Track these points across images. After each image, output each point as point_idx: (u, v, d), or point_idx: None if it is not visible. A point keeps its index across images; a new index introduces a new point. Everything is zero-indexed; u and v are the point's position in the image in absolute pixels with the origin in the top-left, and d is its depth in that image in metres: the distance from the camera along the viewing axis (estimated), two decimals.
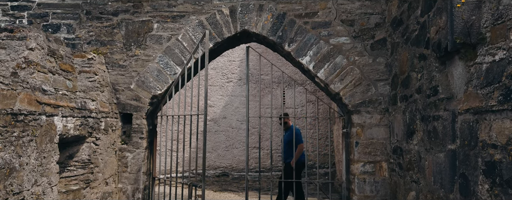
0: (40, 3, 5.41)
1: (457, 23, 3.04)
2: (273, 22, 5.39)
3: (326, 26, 5.33)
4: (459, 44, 3.02)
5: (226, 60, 11.33)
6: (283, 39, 5.35)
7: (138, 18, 5.45)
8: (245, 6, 5.43)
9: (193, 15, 5.45)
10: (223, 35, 5.44)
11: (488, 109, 2.59)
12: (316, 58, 5.29)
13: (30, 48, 3.67)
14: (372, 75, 5.20)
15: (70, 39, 5.37)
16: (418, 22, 3.95)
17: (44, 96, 3.62)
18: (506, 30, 2.61)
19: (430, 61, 3.65)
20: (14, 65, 3.55)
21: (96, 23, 5.45)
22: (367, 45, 5.25)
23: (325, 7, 5.34)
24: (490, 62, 2.72)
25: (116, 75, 5.37)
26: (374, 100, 5.16)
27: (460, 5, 3.00)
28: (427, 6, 3.68)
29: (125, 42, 5.42)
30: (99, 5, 5.46)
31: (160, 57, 5.40)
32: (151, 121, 5.62)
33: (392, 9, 4.88)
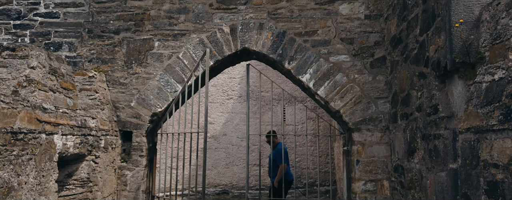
0: (43, 22, 5.46)
1: (456, 42, 3.07)
2: (273, 40, 5.43)
3: (326, 44, 5.37)
4: (458, 63, 3.04)
5: (227, 77, 11.37)
6: (283, 57, 5.39)
7: (140, 36, 5.50)
8: (245, 24, 5.48)
9: (194, 34, 5.49)
10: (223, 53, 5.47)
11: (489, 129, 2.58)
12: (316, 76, 5.31)
13: (32, 66, 3.69)
14: (372, 93, 5.21)
15: (71, 57, 5.40)
16: (417, 41, 3.98)
17: (44, 114, 3.62)
18: (505, 50, 2.63)
19: (429, 80, 3.66)
20: (15, 84, 3.56)
21: (98, 41, 5.49)
22: (367, 63, 5.28)
23: (324, 26, 5.39)
24: (489, 81, 2.73)
25: (117, 92, 5.39)
26: (374, 118, 5.15)
27: (458, 24, 3.03)
28: (426, 25, 3.71)
29: (126, 60, 5.45)
30: (101, 24, 5.52)
31: (160, 74, 5.42)
32: (151, 139, 5.60)
33: (391, 27, 4.93)
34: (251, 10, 5.50)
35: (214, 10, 5.53)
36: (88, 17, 5.51)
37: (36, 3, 5.48)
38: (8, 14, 5.45)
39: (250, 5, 5.51)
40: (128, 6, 5.54)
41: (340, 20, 5.39)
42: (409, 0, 4.22)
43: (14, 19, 5.44)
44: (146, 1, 5.54)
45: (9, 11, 5.46)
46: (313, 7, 5.44)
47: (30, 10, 5.47)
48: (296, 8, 5.45)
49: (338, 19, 5.39)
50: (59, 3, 5.50)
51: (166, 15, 5.52)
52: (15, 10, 5.47)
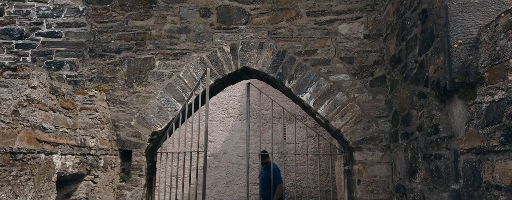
0: (45, 41, 5.51)
1: (455, 62, 3.08)
2: (273, 59, 5.46)
3: (326, 63, 5.40)
4: (458, 83, 3.05)
5: (227, 95, 11.39)
6: (283, 76, 5.41)
7: (140, 55, 5.53)
8: (245, 43, 5.52)
9: (194, 53, 5.53)
10: (224, 72, 5.50)
11: (490, 150, 2.57)
12: (316, 95, 5.32)
13: (32, 86, 3.70)
14: (372, 112, 5.20)
15: (72, 76, 5.42)
16: (416, 61, 4.00)
17: (44, 134, 3.61)
18: (504, 71, 2.64)
19: (429, 99, 3.66)
20: (15, 103, 3.56)
21: (99, 61, 5.53)
22: (367, 82, 5.30)
23: (324, 45, 5.43)
24: (489, 102, 2.73)
25: (117, 111, 5.39)
26: (375, 137, 5.13)
27: (457, 45, 3.05)
28: (425, 46, 3.74)
29: (126, 79, 5.47)
30: (103, 43, 5.56)
31: (161, 93, 5.44)
32: (151, 158, 5.57)
33: (390, 47, 4.96)
34: (251, 29, 5.55)
35: (215, 29, 5.58)
36: (90, 37, 5.56)
37: (39, 23, 5.54)
38: (11, 34, 5.50)
39: (250, 25, 5.56)
40: (130, 26, 5.60)
41: (340, 39, 5.43)
42: (407, 21, 4.27)
43: (16, 38, 5.49)
44: (148, 21, 5.60)
45: (11, 31, 5.51)
46: (313, 26, 5.50)
47: (33, 30, 5.53)
48: (296, 27, 5.51)
49: (338, 38, 5.43)
50: (61, 23, 5.56)
51: (167, 34, 5.57)
52: (18, 30, 5.52)
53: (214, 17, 5.61)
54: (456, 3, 3.16)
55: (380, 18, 5.41)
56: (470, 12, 3.12)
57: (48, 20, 5.56)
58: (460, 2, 3.15)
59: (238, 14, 5.60)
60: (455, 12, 3.14)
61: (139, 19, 5.60)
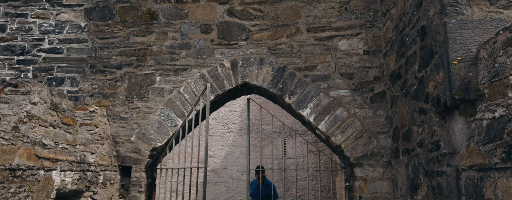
0: (46, 57, 5.54)
1: (454, 79, 3.10)
2: (274, 75, 5.48)
3: (326, 79, 5.41)
4: (458, 100, 3.05)
5: (227, 110, 11.39)
6: (284, 92, 5.42)
7: (141, 71, 5.56)
8: (246, 59, 5.55)
9: (195, 68, 5.55)
10: (224, 88, 5.51)
11: (492, 167, 2.55)
12: (317, 110, 5.32)
13: (33, 102, 3.71)
14: (373, 128, 5.19)
15: (73, 92, 5.44)
16: (416, 77, 4.01)
17: (43, 150, 3.60)
18: (504, 87, 2.65)
19: (430, 116, 3.66)
20: (15, 120, 3.56)
21: (100, 76, 5.54)
22: (367, 97, 5.30)
23: (324, 61, 5.46)
24: (490, 119, 2.73)
25: (117, 127, 5.38)
26: (376, 153, 5.11)
27: (456, 62, 3.07)
28: (424, 62, 3.76)
29: (127, 94, 5.48)
30: (104, 59, 5.59)
31: (161, 109, 5.44)
32: (150, 174, 5.54)
33: (390, 63, 4.99)
34: (252, 45, 5.59)
35: (215, 45, 5.62)
36: (91, 53, 5.59)
37: (41, 39, 5.58)
38: (13, 50, 5.54)
39: (250, 41, 5.60)
40: (131, 42, 5.64)
41: (340, 55, 5.46)
42: (407, 37, 4.30)
43: (18, 54, 5.53)
44: (149, 37, 5.65)
45: (13, 47, 5.55)
46: (313, 42, 5.53)
47: (34, 46, 5.57)
48: (296, 43, 5.54)
49: (338, 54, 5.46)
50: (63, 39, 5.60)
51: (168, 50, 5.60)
52: (20, 46, 5.56)
53: (214, 33, 5.65)
54: (454, 20, 3.19)
55: (379, 34, 5.45)
56: (469, 29, 3.15)
57: (50, 36, 5.60)
58: (458, 19, 3.18)
59: (238, 30, 5.64)
60: (454, 29, 3.17)
61: (140, 35, 5.65)
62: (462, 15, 3.19)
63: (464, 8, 3.20)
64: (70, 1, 5.70)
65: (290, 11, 5.64)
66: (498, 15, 3.12)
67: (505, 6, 3.12)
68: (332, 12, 5.57)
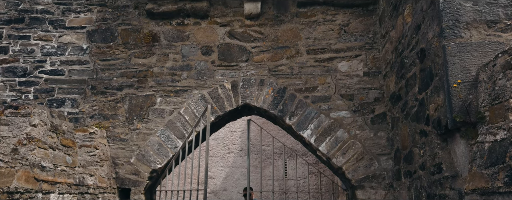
0: (48, 79, 5.56)
1: (455, 102, 3.10)
2: (274, 96, 5.49)
3: (326, 100, 5.42)
4: (459, 122, 3.05)
5: (227, 131, 11.35)
6: (284, 113, 5.41)
7: (142, 92, 5.57)
8: (246, 80, 5.57)
9: (195, 90, 5.57)
10: (224, 109, 5.51)
11: (495, 191, 2.52)
12: (317, 132, 5.30)
13: (33, 124, 3.70)
14: (374, 149, 5.16)
15: (73, 113, 5.43)
16: (417, 99, 4.02)
17: (42, 172, 3.57)
18: (504, 111, 2.65)
19: (431, 138, 3.65)
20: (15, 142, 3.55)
21: (101, 98, 5.55)
22: (368, 119, 5.29)
23: (324, 82, 5.48)
24: (492, 142, 2.72)
25: (117, 149, 5.35)
26: (377, 175, 5.06)
27: (456, 85, 3.08)
28: (424, 84, 3.77)
29: (127, 116, 5.48)
30: (105, 81, 5.61)
31: (161, 130, 5.42)
32: (150, 196, 5.47)
33: (390, 84, 5.00)
34: (252, 67, 5.62)
35: (216, 67, 5.65)
36: (92, 74, 5.62)
37: (42, 61, 5.61)
38: (14, 72, 5.57)
39: (251, 62, 5.64)
40: (132, 63, 5.67)
41: (340, 76, 5.48)
42: (406, 59, 4.32)
43: (20, 76, 5.55)
44: (150, 59, 5.68)
45: (15, 69, 5.59)
46: (313, 64, 5.56)
47: (36, 68, 5.60)
48: (296, 65, 5.57)
49: (338, 76, 5.48)
50: (65, 61, 5.64)
51: (169, 72, 5.63)
52: (21, 68, 5.59)
53: (215, 55, 5.69)
54: (453, 43, 3.22)
55: (379, 56, 5.49)
56: (468, 52, 3.17)
57: (52, 58, 5.64)
58: (457, 42, 3.21)
59: (239, 52, 5.69)
60: (453, 52, 3.19)
61: (141, 57, 5.69)
62: (460, 38, 3.22)
63: (462, 31, 3.23)
64: (73, 23, 5.77)
65: (290, 33, 5.70)
66: (497, 38, 3.15)
67: (503, 29, 3.16)
68: (332, 34, 5.63)
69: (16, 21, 5.75)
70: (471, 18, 3.25)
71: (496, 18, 3.22)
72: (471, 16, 3.25)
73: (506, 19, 3.19)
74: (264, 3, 5.76)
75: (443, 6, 3.31)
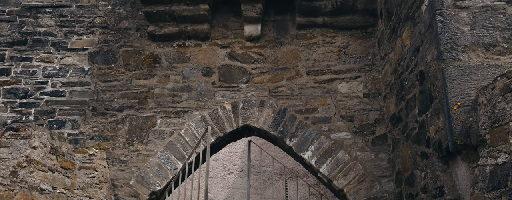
0: (49, 100, 5.58)
1: (455, 124, 3.10)
2: (274, 117, 5.49)
3: (326, 121, 5.41)
4: (460, 145, 3.04)
5: (228, 151, 11.29)
6: (284, 134, 5.40)
7: (142, 113, 5.57)
8: (246, 102, 5.58)
9: (196, 111, 5.57)
10: (225, 130, 5.50)
11: None
12: (318, 153, 5.28)
13: (33, 146, 3.70)
14: (375, 171, 5.13)
15: (73, 134, 5.42)
16: (417, 121, 4.02)
17: (41, 195, 3.55)
18: (505, 134, 2.65)
19: (432, 160, 3.63)
20: (14, 164, 3.54)
21: (101, 119, 5.56)
22: (368, 140, 5.28)
23: (324, 103, 5.49)
24: (493, 165, 2.71)
25: (116, 170, 5.32)
26: (379, 198, 5.01)
27: (456, 107, 3.09)
28: (424, 106, 3.78)
29: (127, 137, 5.47)
30: (105, 102, 5.63)
31: (161, 152, 5.40)
32: None
33: (390, 106, 5.01)
34: (253, 88, 5.64)
35: (217, 88, 5.68)
36: (93, 96, 5.64)
37: (44, 82, 5.65)
38: (16, 93, 5.60)
39: (251, 84, 5.66)
40: (133, 84, 5.70)
41: (340, 98, 5.50)
42: (406, 81, 4.35)
43: (21, 97, 5.57)
44: (151, 80, 5.71)
45: (16, 90, 5.61)
46: (313, 85, 5.59)
47: (37, 89, 5.63)
48: (296, 86, 5.60)
49: (338, 97, 5.50)
50: (66, 82, 5.67)
51: (169, 93, 5.65)
52: (23, 89, 5.62)
53: (216, 76, 5.73)
54: (452, 66, 3.24)
55: (378, 78, 5.51)
56: (467, 75, 3.19)
57: (53, 79, 5.68)
58: (456, 65, 3.23)
59: (239, 73, 5.72)
60: (451, 75, 3.22)
61: (142, 78, 5.72)
62: (459, 61, 3.25)
63: (460, 54, 3.26)
64: (75, 45, 5.83)
65: (290, 55, 5.74)
66: (495, 62, 3.18)
67: (501, 52, 3.19)
68: (331, 56, 5.67)
69: (19, 43, 5.82)
70: (469, 42, 3.28)
71: (494, 41, 3.25)
72: (469, 39, 3.29)
73: (503, 43, 3.23)
74: (264, 25, 5.84)
75: (441, 29, 3.35)
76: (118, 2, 6.05)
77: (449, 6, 3.38)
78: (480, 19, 3.32)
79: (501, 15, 3.31)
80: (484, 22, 3.32)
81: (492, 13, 3.32)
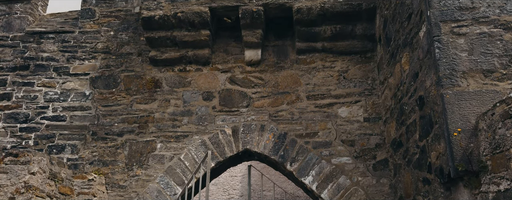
0: (49, 125, 5.59)
1: (456, 150, 3.09)
2: (275, 141, 5.47)
3: (327, 146, 5.39)
4: (462, 171, 3.02)
5: (228, 176, 11.19)
6: (285, 159, 5.37)
7: (142, 138, 5.56)
8: (247, 126, 5.58)
9: (196, 135, 5.56)
10: (225, 154, 5.48)
11: None
12: (319, 178, 5.23)
13: (32, 172, 3.68)
14: (377, 197, 5.07)
15: (73, 159, 5.40)
16: (418, 146, 4.00)
17: None
18: (506, 160, 2.64)
19: (434, 186, 3.60)
20: (12, 190, 3.51)
21: (101, 144, 5.54)
22: (369, 165, 5.24)
23: (325, 128, 5.48)
24: (495, 192, 2.68)
25: (115, 196, 5.26)
26: None
27: (456, 133, 3.08)
28: (425, 131, 3.77)
29: (127, 162, 5.44)
30: (106, 126, 5.62)
31: (161, 177, 5.36)
32: None
33: (391, 131, 5.00)
34: (253, 112, 5.65)
35: (217, 112, 5.69)
36: (94, 120, 5.65)
37: (45, 107, 5.67)
38: (16, 118, 5.61)
39: (251, 108, 5.67)
40: (134, 109, 5.71)
41: (340, 122, 5.49)
42: (405, 106, 4.36)
43: (21, 122, 5.58)
44: (152, 104, 5.73)
45: (17, 115, 5.63)
46: (313, 109, 5.60)
47: (38, 114, 5.64)
48: (296, 110, 5.61)
49: (338, 121, 5.50)
50: (67, 107, 5.69)
51: (170, 117, 5.66)
52: (23, 114, 5.64)
53: (216, 100, 5.74)
54: (451, 92, 3.26)
55: (378, 102, 5.53)
56: (466, 100, 3.20)
57: (54, 104, 5.70)
58: (455, 91, 3.25)
59: (240, 98, 5.74)
60: (451, 100, 3.23)
61: (143, 102, 5.74)
62: (458, 87, 3.27)
63: (459, 80, 3.28)
64: (77, 70, 5.89)
65: (290, 79, 5.78)
66: (494, 87, 3.20)
67: (500, 78, 3.21)
68: (331, 80, 5.71)
69: (21, 68, 5.87)
70: (467, 67, 3.31)
71: (492, 67, 3.28)
72: (467, 65, 3.32)
73: (501, 69, 3.25)
74: (264, 50, 5.91)
75: (439, 55, 3.39)
76: (121, 27, 6.14)
77: (446, 32, 3.42)
78: (478, 46, 3.36)
79: (498, 41, 3.35)
80: (481, 49, 3.35)
81: (489, 39, 3.36)
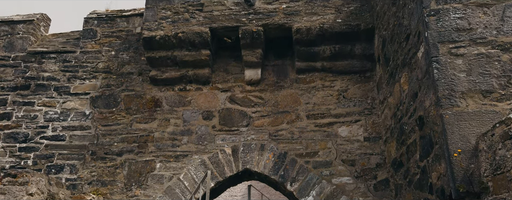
0: (48, 145, 5.57)
1: (457, 171, 3.07)
2: (275, 161, 5.44)
3: (327, 165, 5.36)
4: (463, 192, 3.00)
5: (228, 195, 11.08)
6: (285, 178, 5.33)
7: (142, 158, 5.54)
8: (247, 145, 5.56)
9: (196, 155, 5.54)
10: (225, 174, 5.44)
11: None
12: (320, 198, 5.18)
13: (30, 193, 3.65)
14: None
15: (72, 179, 5.36)
16: (418, 166, 3.98)
17: None
18: (507, 181, 2.62)
19: None
20: None
21: (100, 163, 5.51)
22: (370, 185, 5.20)
23: (325, 147, 5.46)
24: None
25: None
26: None
27: (457, 154, 3.07)
28: (425, 152, 3.76)
29: (126, 182, 5.40)
30: (105, 146, 5.61)
31: (160, 197, 5.30)
32: None
33: (391, 150, 4.98)
34: (253, 131, 5.64)
35: (217, 131, 5.67)
36: (93, 140, 5.63)
37: (45, 127, 5.66)
38: (16, 137, 5.60)
39: (251, 127, 5.66)
40: (134, 128, 5.71)
41: (340, 142, 5.47)
42: (405, 126, 4.35)
43: (21, 142, 5.57)
44: (151, 124, 5.73)
45: (16, 135, 5.62)
46: (313, 129, 5.59)
47: (38, 133, 5.63)
48: (296, 130, 5.59)
49: (338, 141, 5.48)
50: (67, 126, 5.69)
51: (169, 136, 5.64)
52: (23, 134, 5.63)
53: (216, 120, 5.74)
54: (450, 112, 3.26)
55: (378, 122, 5.52)
56: (466, 121, 3.21)
57: (54, 123, 5.70)
58: (454, 111, 3.25)
59: (239, 117, 5.74)
60: (450, 121, 3.23)
61: (143, 122, 5.74)
62: (457, 107, 3.28)
63: (458, 100, 3.29)
64: (77, 90, 5.91)
65: (290, 99, 5.79)
66: (493, 108, 3.20)
67: (498, 99, 3.22)
68: (331, 99, 5.71)
69: (22, 88, 5.90)
70: (466, 88, 3.33)
71: (491, 88, 3.30)
72: (466, 86, 3.33)
73: (500, 89, 3.27)
74: (264, 69, 5.94)
75: (438, 76, 3.41)
76: (122, 47, 6.20)
77: (444, 53, 3.45)
78: (476, 66, 3.38)
79: (496, 62, 3.37)
80: (480, 69, 3.38)
81: (487, 60, 3.38)
